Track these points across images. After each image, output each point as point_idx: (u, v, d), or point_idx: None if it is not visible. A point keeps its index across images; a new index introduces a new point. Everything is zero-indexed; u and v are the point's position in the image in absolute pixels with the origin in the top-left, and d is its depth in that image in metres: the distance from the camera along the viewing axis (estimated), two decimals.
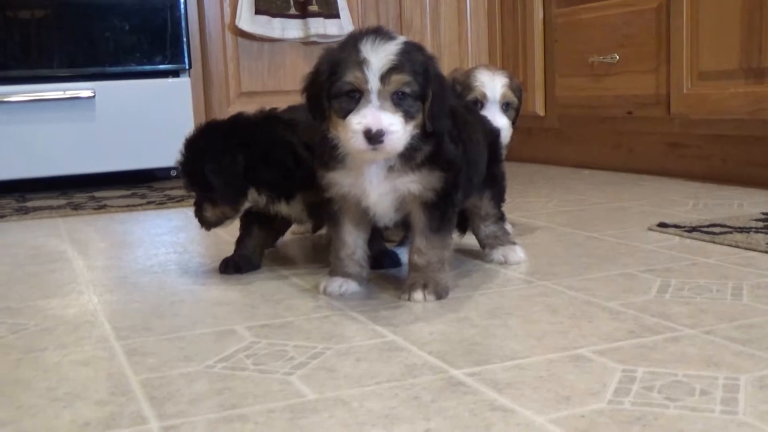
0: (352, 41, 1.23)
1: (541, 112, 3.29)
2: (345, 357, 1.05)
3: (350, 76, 1.19)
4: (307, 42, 3.28)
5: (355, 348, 1.08)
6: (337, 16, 3.26)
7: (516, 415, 0.84)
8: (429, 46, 3.44)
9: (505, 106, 1.77)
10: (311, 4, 3.21)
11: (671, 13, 2.58)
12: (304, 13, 3.22)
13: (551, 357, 1.02)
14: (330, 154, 1.29)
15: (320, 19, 3.22)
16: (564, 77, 3.14)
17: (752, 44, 2.31)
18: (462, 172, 1.32)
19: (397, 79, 1.19)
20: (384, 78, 1.19)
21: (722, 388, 0.89)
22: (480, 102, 1.75)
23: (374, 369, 1.00)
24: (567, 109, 3.16)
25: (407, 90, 1.21)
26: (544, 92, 3.27)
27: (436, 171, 1.28)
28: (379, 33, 1.23)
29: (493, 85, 1.75)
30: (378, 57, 1.19)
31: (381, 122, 1.17)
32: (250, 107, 1.81)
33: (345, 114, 1.20)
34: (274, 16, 3.20)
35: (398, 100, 1.20)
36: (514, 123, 1.80)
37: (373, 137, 1.17)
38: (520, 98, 1.81)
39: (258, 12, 3.18)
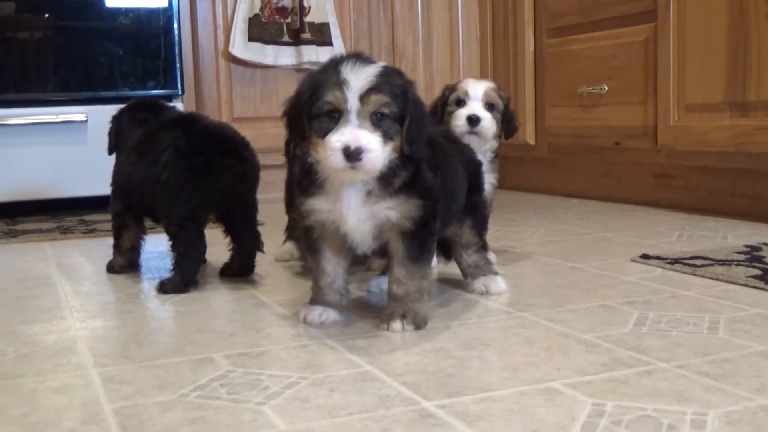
0: (333, 64, 1.25)
1: (531, 141, 3.31)
2: (319, 387, 1.05)
3: (330, 96, 1.21)
4: (299, 69, 3.31)
5: (330, 378, 1.09)
6: (330, 44, 3.29)
7: None
8: (421, 75, 3.48)
9: (489, 107, 1.81)
10: (304, 32, 3.24)
11: (658, 47, 2.61)
12: (297, 41, 3.26)
13: (523, 389, 1.02)
14: (310, 179, 1.30)
15: (313, 47, 3.26)
16: (554, 107, 3.16)
17: (737, 79, 2.34)
18: (440, 201, 1.33)
19: (376, 99, 1.21)
20: (363, 98, 1.21)
21: (690, 424, 0.89)
22: (462, 100, 1.82)
23: (347, 400, 1.00)
24: (557, 138, 3.18)
25: (386, 111, 1.22)
26: (534, 121, 3.30)
27: (414, 198, 1.29)
28: (360, 57, 1.25)
29: (476, 85, 1.83)
30: (358, 78, 1.21)
31: (360, 140, 1.19)
32: (243, 133, 1.83)
33: (324, 133, 1.22)
34: (267, 43, 3.23)
35: (377, 121, 1.22)
36: (509, 133, 1.87)
37: (352, 155, 1.19)
38: (507, 106, 1.86)
39: (251, 39, 3.22)
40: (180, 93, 3.13)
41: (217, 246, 1.86)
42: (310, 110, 1.23)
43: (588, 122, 2.98)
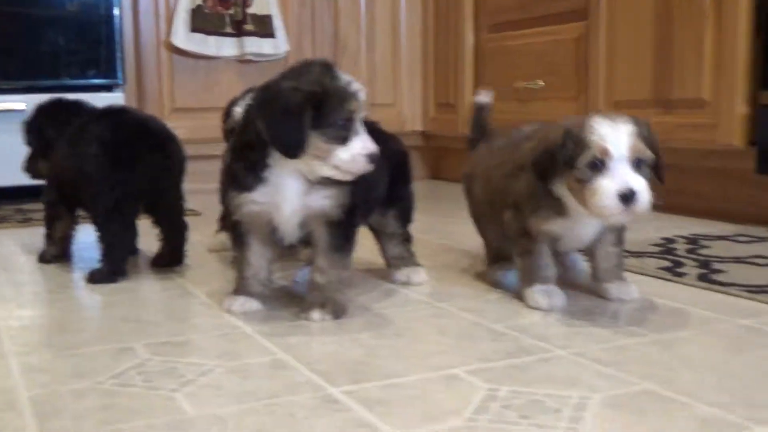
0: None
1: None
2: (233, 374, 1.10)
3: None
4: (242, 60, 3.32)
5: (245, 366, 1.13)
6: (272, 35, 3.31)
7: None
8: (364, 68, 3.52)
9: (637, 163, 1.30)
10: (246, 23, 3.26)
11: (589, 44, 2.69)
12: (239, 32, 3.27)
13: (427, 376, 1.08)
14: (254, 175, 1.33)
15: (255, 38, 3.27)
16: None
17: (663, 76, 2.42)
18: (358, 185, 1.38)
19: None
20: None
21: (573, 407, 0.96)
22: (600, 161, 1.29)
23: (258, 386, 1.05)
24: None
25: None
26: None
27: (347, 184, 1.34)
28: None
29: (616, 135, 1.29)
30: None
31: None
32: (185, 123, 1.86)
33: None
34: (209, 34, 3.24)
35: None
36: (661, 179, 1.36)
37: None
38: (656, 149, 1.34)
39: (194, 30, 3.22)
40: (121, 83, 3.13)
41: (151, 236, 1.88)
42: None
43: (524, 116, 3.04)
